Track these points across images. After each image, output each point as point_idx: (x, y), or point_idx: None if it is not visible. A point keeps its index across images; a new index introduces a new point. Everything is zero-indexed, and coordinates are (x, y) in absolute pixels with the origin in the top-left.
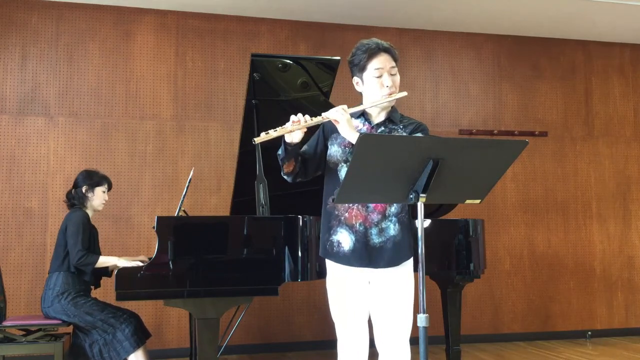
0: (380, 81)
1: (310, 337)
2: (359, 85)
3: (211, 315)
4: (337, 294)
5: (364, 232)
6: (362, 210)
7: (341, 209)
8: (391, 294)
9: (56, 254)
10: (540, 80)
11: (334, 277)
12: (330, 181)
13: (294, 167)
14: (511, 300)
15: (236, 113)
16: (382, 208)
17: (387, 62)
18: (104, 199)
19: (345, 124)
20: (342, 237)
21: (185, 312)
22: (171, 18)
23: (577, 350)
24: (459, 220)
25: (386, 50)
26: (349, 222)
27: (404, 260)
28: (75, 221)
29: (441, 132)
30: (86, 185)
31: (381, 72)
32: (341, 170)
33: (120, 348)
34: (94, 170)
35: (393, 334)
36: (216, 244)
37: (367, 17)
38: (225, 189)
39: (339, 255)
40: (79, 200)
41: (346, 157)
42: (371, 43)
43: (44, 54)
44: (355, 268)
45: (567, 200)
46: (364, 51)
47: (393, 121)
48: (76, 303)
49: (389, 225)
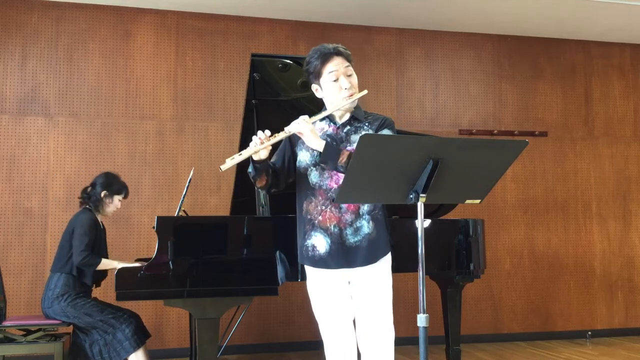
0: (337, 84)
1: (310, 337)
2: (318, 92)
3: (211, 315)
4: (320, 297)
5: (339, 233)
6: (335, 212)
7: (314, 212)
8: (371, 291)
9: (59, 255)
10: (540, 80)
11: (314, 281)
12: (301, 186)
13: (266, 181)
14: (511, 300)
15: (236, 113)
16: (355, 207)
17: (341, 64)
18: (118, 207)
19: (309, 134)
20: (316, 240)
21: (185, 312)
22: (171, 18)
23: (577, 350)
24: (459, 220)
25: (338, 52)
26: (323, 224)
27: (380, 256)
28: (83, 223)
29: (441, 132)
30: (106, 191)
31: (337, 75)
32: (311, 174)
33: (120, 348)
34: (116, 175)
35: (374, 333)
36: (216, 244)
37: (367, 17)
38: (225, 189)
39: (314, 259)
40: (94, 203)
41: (315, 161)
42: (322, 48)
43: (44, 54)
44: (333, 270)
45: (567, 200)
46: (317, 57)
47: (358, 119)
48: (75, 304)
49: (363, 224)
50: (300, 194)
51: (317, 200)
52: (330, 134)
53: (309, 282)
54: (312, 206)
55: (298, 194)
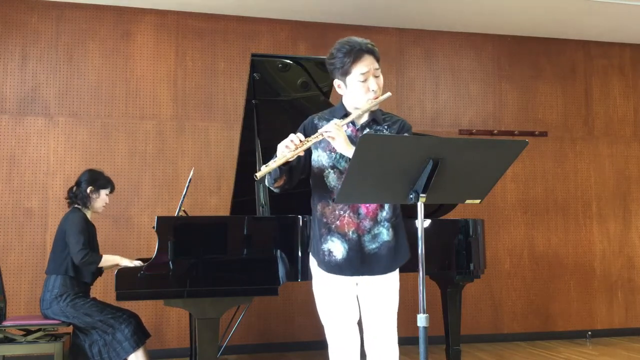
0: (365, 85)
1: (310, 337)
2: (340, 88)
3: (211, 315)
4: (326, 299)
5: (358, 239)
6: (354, 218)
7: (331, 217)
8: (380, 297)
9: (53, 256)
10: (540, 80)
11: (321, 282)
12: (318, 188)
13: (284, 181)
14: (511, 300)
15: (236, 113)
16: (374, 214)
17: (371, 64)
18: (106, 202)
19: (342, 141)
20: (333, 245)
21: (185, 312)
22: (171, 18)
23: (577, 350)
24: (459, 220)
25: (370, 51)
26: (340, 230)
27: (398, 265)
28: (74, 222)
29: (441, 132)
30: (91, 186)
31: (367, 76)
32: (329, 176)
33: (119, 348)
34: (99, 170)
35: (383, 336)
36: (216, 244)
37: (367, 17)
38: (225, 189)
39: (330, 265)
40: (82, 200)
41: (333, 163)
42: (353, 44)
43: (44, 54)
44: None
45: (567, 200)
46: (346, 53)
47: (377, 121)
48: (75, 305)
49: (381, 231)
50: (316, 195)
51: (334, 204)
52: (349, 135)
53: (316, 283)
54: (328, 210)
55: (314, 195)
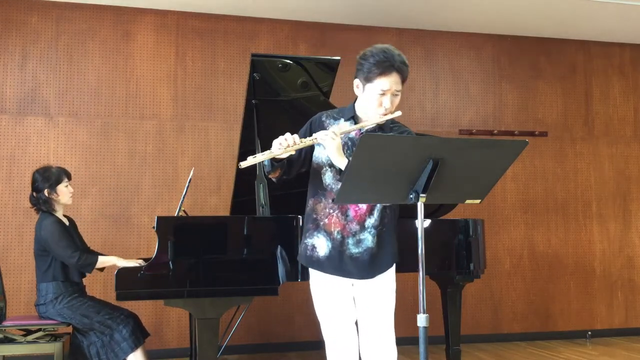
0: (380, 100)
1: (310, 337)
2: (359, 88)
3: (211, 315)
4: (323, 298)
5: (341, 240)
6: (341, 219)
7: (321, 213)
8: (376, 299)
9: (38, 265)
10: (540, 80)
11: (317, 282)
12: (314, 184)
13: (279, 174)
14: (511, 300)
15: (236, 113)
16: (361, 219)
17: (395, 84)
18: (70, 192)
19: (334, 151)
20: (318, 241)
21: (185, 312)
22: (171, 18)
23: (577, 350)
24: (459, 220)
25: (399, 70)
26: (327, 228)
27: (379, 272)
28: (50, 231)
29: (441, 132)
30: (47, 188)
31: (386, 93)
32: (325, 174)
33: (118, 349)
34: (47, 166)
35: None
36: (216, 244)
37: (367, 17)
38: (225, 189)
39: (312, 259)
40: (45, 205)
41: (331, 162)
42: (388, 57)
43: (44, 54)
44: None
45: (567, 200)
46: (377, 63)
47: (383, 129)
48: (72, 306)
49: (366, 237)
50: (310, 189)
51: (326, 202)
52: (352, 138)
53: (312, 283)
54: (320, 206)
55: (309, 189)
